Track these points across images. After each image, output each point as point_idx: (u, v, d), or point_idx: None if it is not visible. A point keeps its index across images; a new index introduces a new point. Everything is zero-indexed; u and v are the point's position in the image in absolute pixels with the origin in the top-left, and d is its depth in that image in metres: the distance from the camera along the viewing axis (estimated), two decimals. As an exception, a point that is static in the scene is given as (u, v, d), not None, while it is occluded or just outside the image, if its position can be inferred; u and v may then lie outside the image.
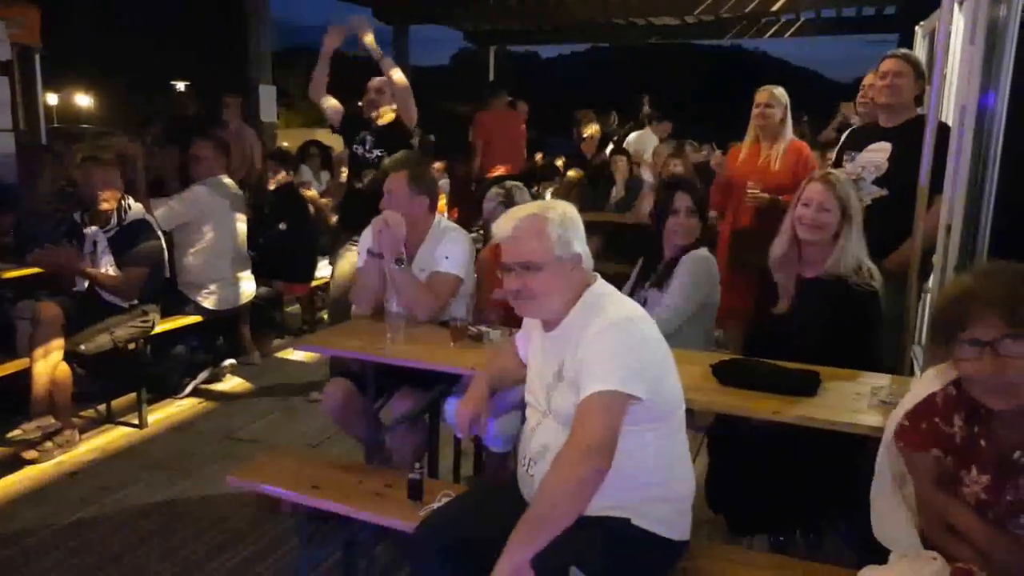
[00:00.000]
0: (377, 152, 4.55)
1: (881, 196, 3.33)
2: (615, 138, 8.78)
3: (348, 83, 5.36)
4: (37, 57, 6.44)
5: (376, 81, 4.68)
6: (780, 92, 4.21)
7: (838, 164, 3.61)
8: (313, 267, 5.68)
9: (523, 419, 2.78)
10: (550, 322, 2.01)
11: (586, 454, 1.74)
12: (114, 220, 4.02)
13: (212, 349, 4.93)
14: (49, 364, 3.72)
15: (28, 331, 3.91)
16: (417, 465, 2.44)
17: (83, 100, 30.41)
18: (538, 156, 9.20)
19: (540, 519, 1.73)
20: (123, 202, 4.05)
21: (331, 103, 4.70)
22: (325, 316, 6.21)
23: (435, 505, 2.24)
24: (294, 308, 6.33)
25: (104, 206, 3.97)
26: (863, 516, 1.92)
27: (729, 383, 2.30)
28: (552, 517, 1.73)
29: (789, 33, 11.11)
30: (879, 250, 2.84)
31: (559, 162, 8.53)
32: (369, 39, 4.47)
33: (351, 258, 4.51)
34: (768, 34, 11.30)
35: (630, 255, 3.57)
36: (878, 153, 3.38)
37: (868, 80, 4.12)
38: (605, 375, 1.78)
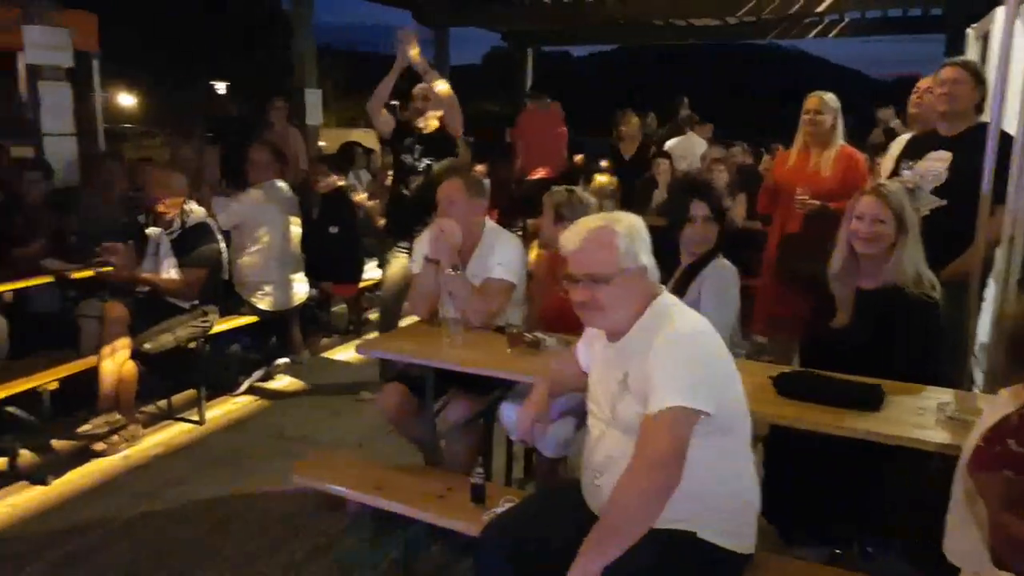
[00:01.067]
0: (426, 161, 4.58)
1: (940, 206, 3.31)
2: (654, 139, 8.77)
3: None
4: (95, 63, 6.62)
5: (421, 88, 4.68)
6: (830, 98, 4.18)
7: (895, 173, 3.59)
8: (360, 269, 5.78)
9: (576, 425, 2.87)
10: (615, 332, 2.04)
11: (655, 468, 1.79)
12: (177, 223, 4.15)
13: (265, 348, 5.06)
14: (116, 362, 3.86)
15: (93, 330, 4.06)
16: (479, 470, 2.50)
17: (126, 100, 30.99)
18: (578, 158, 9.21)
19: (611, 531, 1.78)
20: (185, 206, 4.18)
21: (386, 117, 4.69)
22: (371, 316, 6.35)
23: (498, 510, 2.30)
24: (340, 308, 6.43)
25: (167, 210, 4.10)
26: (921, 531, 1.94)
27: (789, 395, 2.33)
28: (623, 529, 1.78)
29: (833, 33, 10.98)
30: (937, 261, 2.83)
31: (604, 163, 8.50)
32: (415, 52, 4.45)
33: (400, 261, 4.59)
34: (811, 34, 11.18)
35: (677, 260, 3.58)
36: (937, 162, 3.36)
37: (923, 84, 4.08)
38: (673, 389, 1.82)
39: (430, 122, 4.66)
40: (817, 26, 11.03)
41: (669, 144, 7.87)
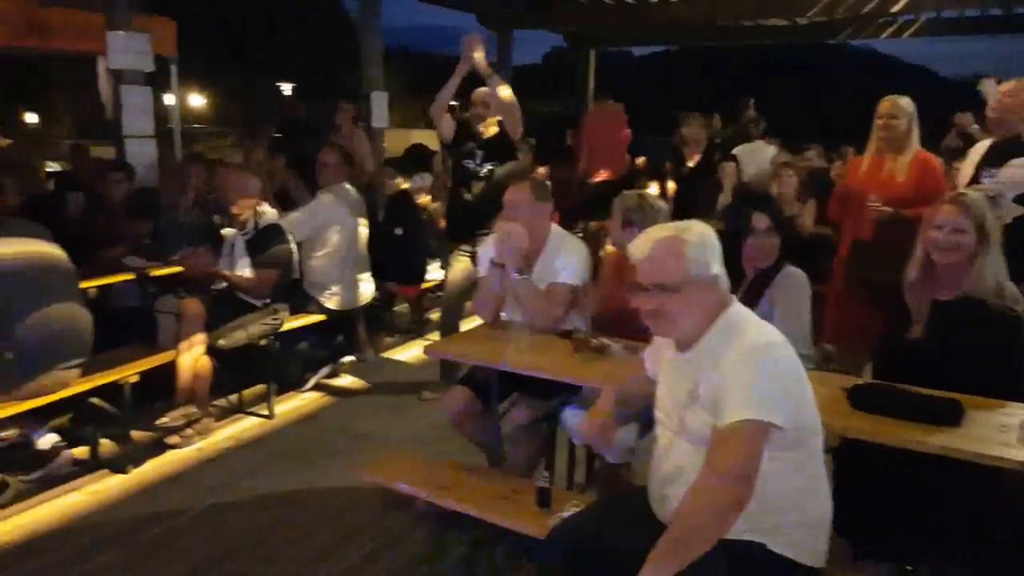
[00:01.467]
0: (488, 166, 4.60)
1: (1023, 215, 3.21)
2: (718, 140, 8.66)
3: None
4: (173, 67, 6.86)
5: (481, 93, 4.67)
6: (906, 102, 4.07)
7: (975, 180, 3.48)
8: (424, 270, 5.87)
9: (639, 432, 2.86)
10: (684, 342, 2.04)
11: (728, 482, 1.78)
12: (250, 224, 4.29)
13: (332, 346, 5.18)
14: (192, 357, 4.01)
15: (170, 325, 4.22)
16: (545, 474, 2.52)
17: (197, 101, 31.96)
18: (639, 160, 9.15)
19: (680, 542, 1.78)
20: (258, 208, 4.32)
21: (448, 122, 4.69)
22: (433, 317, 6.43)
23: (564, 514, 2.32)
24: (403, 308, 6.53)
25: (241, 212, 4.24)
26: (997, 551, 1.88)
27: (864, 408, 2.29)
28: (692, 541, 1.78)
29: (908, 33, 10.65)
30: (1020, 273, 2.74)
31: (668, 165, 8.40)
32: (480, 56, 4.43)
33: (461, 264, 4.64)
34: (884, 35, 10.86)
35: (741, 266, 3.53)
36: (1020, 169, 3.25)
37: (1005, 87, 3.95)
38: (745, 402, 1.81)
39: (490, 128, 4.66)
40: (891, 26, 10.72)
41: (738, 150, 7.67)
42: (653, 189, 6.71)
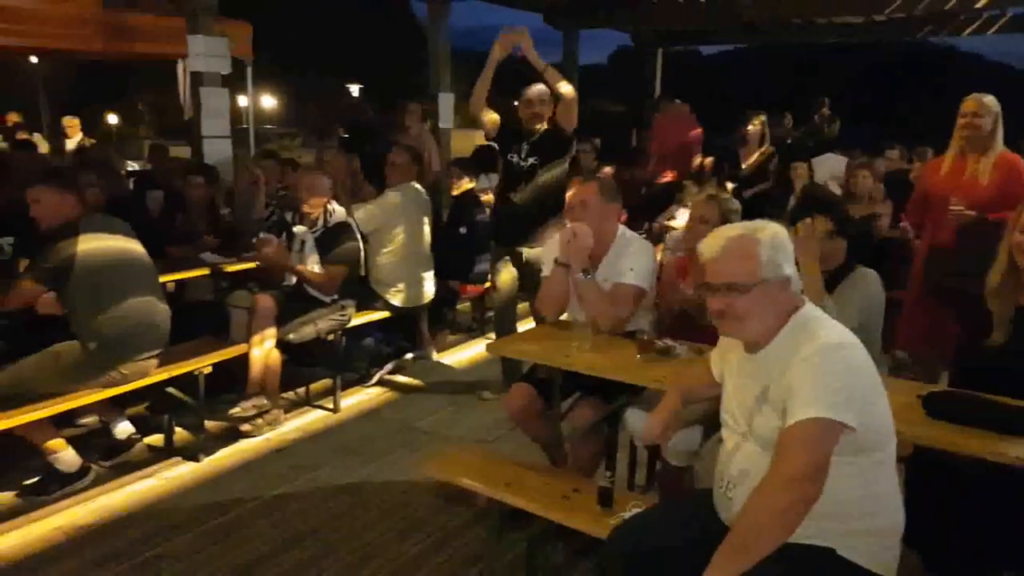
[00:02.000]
0: (532, 160, 4.44)
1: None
2: (789, 141, 8.48)
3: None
4: (249, 69, 7.07)
5: (535, 91, 4.48)
6: (990, 100, 3.91)
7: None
8: (487, 269, 5.90)
9: (704, 434, 2.82)
10: (753, 344, 2.00)
11: (794, 482, 1.74)
12: (320, 222, 4.39)
13: (395, 343, 5.27)
14: (263, 350, 4.14)
15: (242, 319, 4.35)
16: (608, 473, 2.51)
17: (267, 102, 32.82)
18: (707, 161, 9.02)
19: (744, 544, 1.75)
20: (328, 205, 4.42)
21: (491, 117, 4.55)
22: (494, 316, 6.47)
23: (626, 515, 2.30)
24: (465, 307, 6.59)
25: (312, 210, 4.35)
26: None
27: (939, 416, 2.21)
28: (756, 543, 1.75)
29: (993, 30, 10.20)
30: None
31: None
32: (531, 51, 4.28)
33: (509, 273, 4.66)
34: (967, 32, 10.44)
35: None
36: None
37: None
38: (815, 401, 1.77)
39: (538, 125, 4.49)
40: (974, 22, 10.29)
41: (816, 161, 7.34)
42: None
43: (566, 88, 4.35)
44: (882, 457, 1.90)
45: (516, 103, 4.55)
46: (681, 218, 5.88)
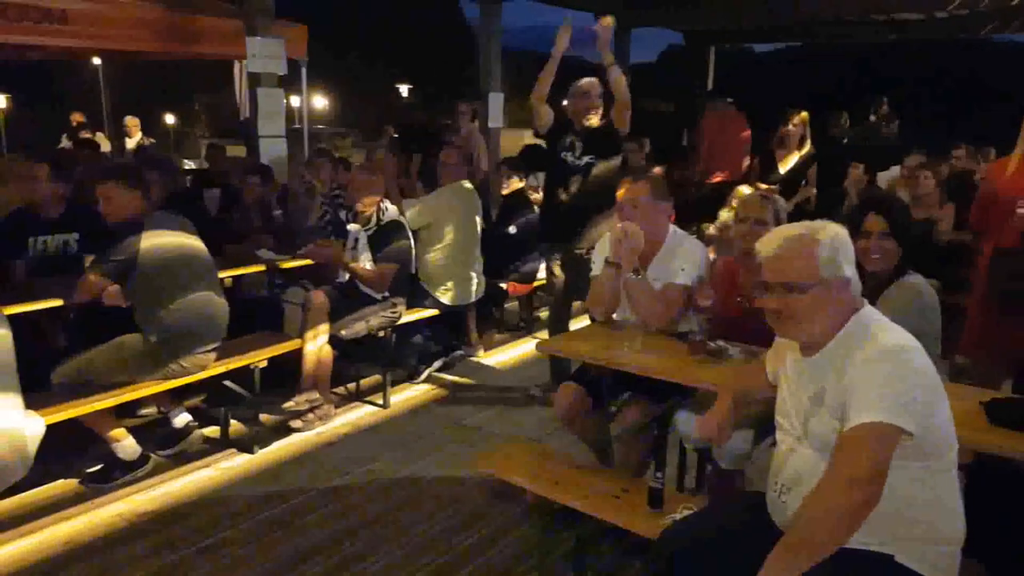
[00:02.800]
0: (586, 159, 4.38)
1: None
2: (844, 140, 8.30)
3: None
4: (303, 70, 7.20)
5: (586, 83, 4.42)
6: None
7: None
8: (535, 268, 5.91)
9: (756, 438, 2.79)
10: (810, 346, 1.98)
11: (853, 485, 1.72)
12: (373, 220, 4.45)
13: (444, 340, 5.32)
14: (316, 345, 4.22)
15: (295, 315, 4.44)
16: (658, 474, 2.51)
17: (319, 102, 33.29)
18: (755, 161, 8.89)
19: (800, 546, 1.74)
20: (381, 204, 4.48)
21: (548, 111, 4.49)
22: (542, 315, 6.48)
23: (676, 516, 2.30)
24: (512, 305, 6.61)
25: (365, 208, 4.42)
26: None
27: (1003, 423, 2.15)
28: (813, 545, 1.73)
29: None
30: None
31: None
32: (607, 23, 4.23)
33: (560, 273, 4.64)
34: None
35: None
36: None
37: None
38: (874, 405, 1.74)
39: (592, 119, 4.42)
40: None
41: (881, 176, 7.04)
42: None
43: (624, 86, 4.28)
44: (943, 463, 1.86)
45: (564, 102, 4.50)
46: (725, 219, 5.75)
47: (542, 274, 6.05)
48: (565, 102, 4.54)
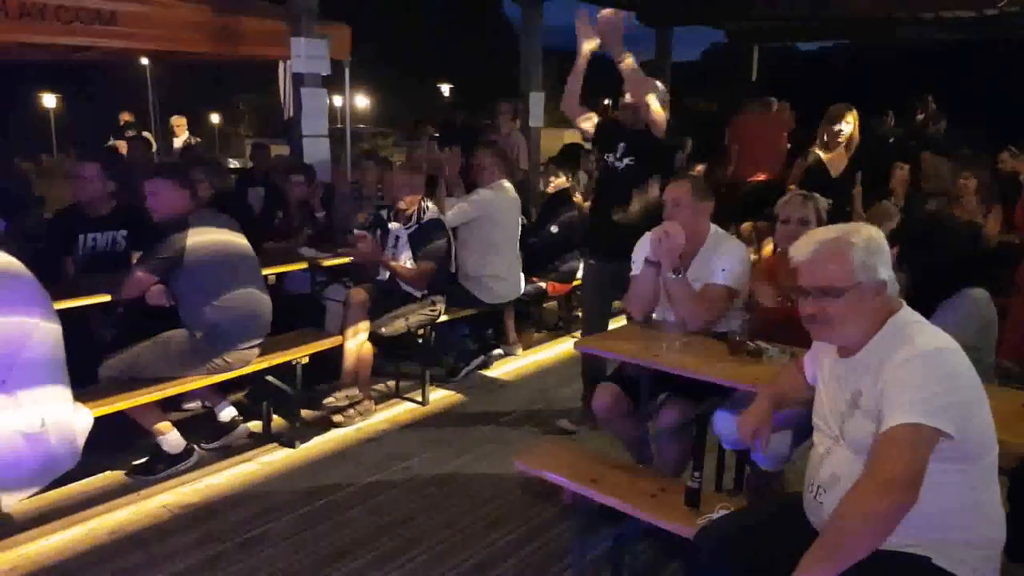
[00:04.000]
0: (627, 160, 4.01)
1: None
2: (891, 140, 8.14)
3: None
4: (347, 70, 7.28)
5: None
6: None
7: None
8: (575, 268, 5.91)
9: (794, 439, 2.76)
10: (847, 349, 1.97)
11: (887, 487, 1.70)
12: (414, 219, 4.49)
13: (483, 339, 5.34)
14: (356, 342, 4.27)
15: (336, 311, 4.50)
16: (696, 474, 2.49)
17: (362, 102, 33.52)
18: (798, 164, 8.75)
19: (835, 548, 1.72)
20: (422, 203, 4.52)
21: (587, 117, 4.19)
22: (580, 315, 6.47)
23: (714, 516, 2.28)
24: (551, 305, 6.61)
25: (407, 207, 4.46)
26: None
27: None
28: (848, 547, 1.71)
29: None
30: None
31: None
32: (614, 43, 3.78)
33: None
34: (1089, 25, 9.77)
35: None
36: None
37: None
38: (911, 407, 1.73)
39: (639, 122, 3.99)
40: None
41: None
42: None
43: (655, 105, 3.82)
44: (982, 466, 1.84)
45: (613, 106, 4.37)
46: None
47: (581, 273, 6.04)
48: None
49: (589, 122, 4.21)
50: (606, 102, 4.48)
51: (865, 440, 1.83)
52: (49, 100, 20.98)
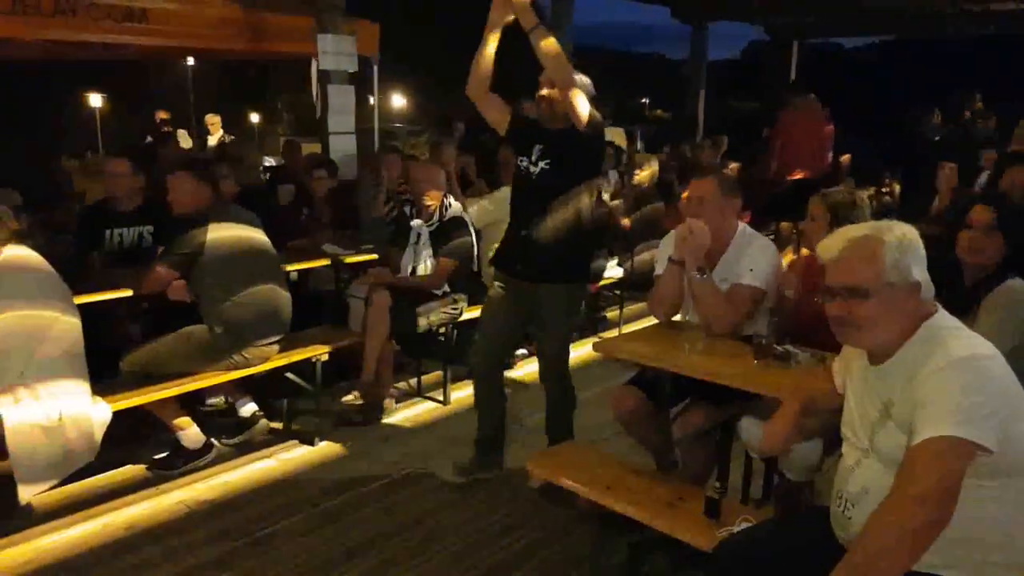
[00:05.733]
0: (543, 164, 3.35)
1: None
2: (936, 138, 7.90)
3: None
4: (375, 68, 7.27)
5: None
6: None
7: None
8: (603, 267, 5.81)
9: (824, 448, 2.64)
10: (877, 354, 1.86)
11: (919, 503, 1.59)
12: (436, 216, 4.44)
13: (507, 338, 5.25)
14: (378, 340, 4.22)
15: (359, 309, 4.46)
16: (717, 483, 2.39)
17: (397, 101, 33.60)
18: (844, 158, 8.53)
19: (864, 567, 1.62)
20: (445, 200, 4.46)
21: (496, 105, 3.50)
22: (610, 315, 6.38)
23: (734, 528, 2.19)
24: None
25: (429, 204, 4.40)
26: None
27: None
28: (877, 566, 1.61)
29: None
30: None
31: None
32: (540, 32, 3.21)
33: (492, 293, 3.76)
34: None
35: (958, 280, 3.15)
36: None
37: None
38: (945, 418, 1.62)
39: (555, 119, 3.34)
40: None
41: None
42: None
43: (576, 95, 3.19)
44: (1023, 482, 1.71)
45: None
46: None
47: (609, 273, 5.95)
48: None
49: (499, 113, 3.50)
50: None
51: (896, 452, 1.72)
52: (95, 100, 21.44)
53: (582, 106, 3.22)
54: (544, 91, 3.33)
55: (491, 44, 3.37)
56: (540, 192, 3.38)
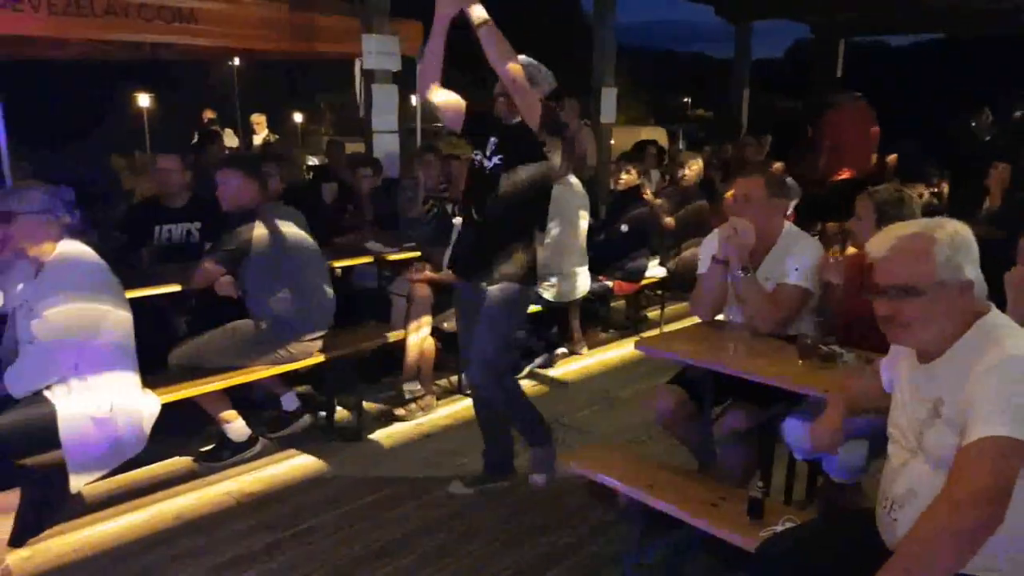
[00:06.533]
0: (496, 159, 3.27)
1: None
2: (987, 138, 7.71)
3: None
4: (419, 67, 7.30)
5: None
6: None
7: None
8: (645, 267, 5.77)
9: (870, 450, 2.59)
10: (927, 353, 1.82)
11: (972, 504, 1.56)
12: (478, 214, 4.45)
13: (546, 337, 5.27)
14: (419, 337, 4.27)
15: (401, 306, 4.51)
16: (760, 484, 2.37)
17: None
18: (891, 158, 8.36)
19: (910, 569, 1.59)
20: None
21: (450, 99, 3.34)
22: (651, 315, 6.34)
23: (777, 528, 2.16)
24: (619, 304, 6.49)
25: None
26: None
27: None
28: (924, 569, 1.58)
29: None
30: None
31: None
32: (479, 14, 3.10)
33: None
34: None
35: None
36: None
37: None
38: (998, 418, 1.58)
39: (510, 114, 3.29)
40: None
41: None
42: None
43: (509, 65, 3.09)
44: None
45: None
46: None
47: (650, 272, 5.91)
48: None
49: (454, 112, 3.35)
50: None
51: (946, 453, 1.68)
52: (144, 99, 21.97)
53: (532, 111, 3.17)
54: (501, 89, 3.24)
55: (439, 39, 3.24)
56: (492, 188, 3.27)
